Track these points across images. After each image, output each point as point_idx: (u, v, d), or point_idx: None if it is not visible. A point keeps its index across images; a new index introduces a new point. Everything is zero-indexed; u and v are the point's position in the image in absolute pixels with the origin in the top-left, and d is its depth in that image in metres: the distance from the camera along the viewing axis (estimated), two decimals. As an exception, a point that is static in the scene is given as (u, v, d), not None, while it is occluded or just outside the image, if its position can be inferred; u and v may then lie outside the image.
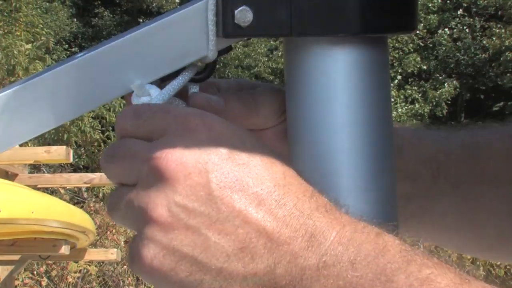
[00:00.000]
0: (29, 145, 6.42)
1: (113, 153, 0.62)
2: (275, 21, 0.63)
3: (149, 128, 0.61)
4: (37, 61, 10.87)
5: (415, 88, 17.67)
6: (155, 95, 0.65)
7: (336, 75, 0.64)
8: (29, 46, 10.91)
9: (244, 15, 0.63)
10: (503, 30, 17.45)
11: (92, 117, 11.56)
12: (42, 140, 10.38)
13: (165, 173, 0.58)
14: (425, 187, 0.81)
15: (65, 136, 11.07)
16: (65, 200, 7.27)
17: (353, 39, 0.64)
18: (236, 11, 0.63)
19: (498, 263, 7.10)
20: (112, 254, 5.70)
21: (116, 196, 0.62)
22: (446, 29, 17.84)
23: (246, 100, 0.72)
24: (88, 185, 5.90)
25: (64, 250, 4.68)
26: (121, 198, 0.61)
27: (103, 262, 7.95)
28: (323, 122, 0.64)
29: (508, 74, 17.09)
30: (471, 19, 17.88)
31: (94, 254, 5.78)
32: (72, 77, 0.64)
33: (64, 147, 4.91)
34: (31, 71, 10.16)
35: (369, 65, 0.65)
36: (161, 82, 0.66)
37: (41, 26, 12.92)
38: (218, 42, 0.66)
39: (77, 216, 4.78)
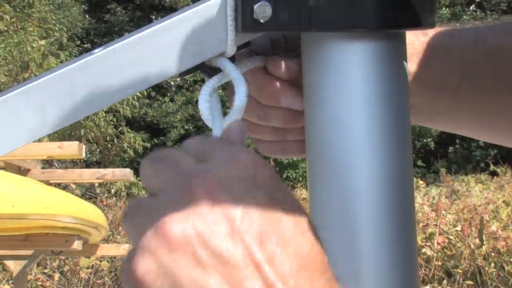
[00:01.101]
0: (44, 140, 6.44)
1: (159, 155, 0.58)
2: (294, 16, 0.63)
3: (203, 154, 0.57)
4: (50, 56, 10.90)
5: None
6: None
7: (354, 70, 0.64)
8: (43, 42, 10.94)
9: (263, 10, 0.63)
10: (516, 26, 17.37)
11: (105, 111, 11.56)
12: (61, 134, 10.41)
13: (196, 190, 0.53)
14: (449, 97, 0.83)
15: (82, 131, 11.09)
16: (77, 195, 7.29)
17: (372, 34, 0.64)
18: (255, 6, 0.63)
19: (511, 259, 7.09)
20: (124, 249, 5.71)
21: (137, 201, 0.57)
22: (458, 24, 17.75)
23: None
24: (101, 180, 5.92)
25: (77, 245, 4.70)
26: (141, 204, 0.57)
27: (115, 258, 7.97)
28: (341, 117, 0.64)
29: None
30: (483, 14, 17.80)
31: (106, 250, 5.80)
32: (89, 73, 0.64)
33: (77, 142, 4.92)
34: (45, 67, 10.19)
35: (387, 60, 0.65)
36: (180, 77, 0.66)
37: (54, 22, 12.95)
38: (236, 37, 0.66)
39: (90, 212, 4.80)
